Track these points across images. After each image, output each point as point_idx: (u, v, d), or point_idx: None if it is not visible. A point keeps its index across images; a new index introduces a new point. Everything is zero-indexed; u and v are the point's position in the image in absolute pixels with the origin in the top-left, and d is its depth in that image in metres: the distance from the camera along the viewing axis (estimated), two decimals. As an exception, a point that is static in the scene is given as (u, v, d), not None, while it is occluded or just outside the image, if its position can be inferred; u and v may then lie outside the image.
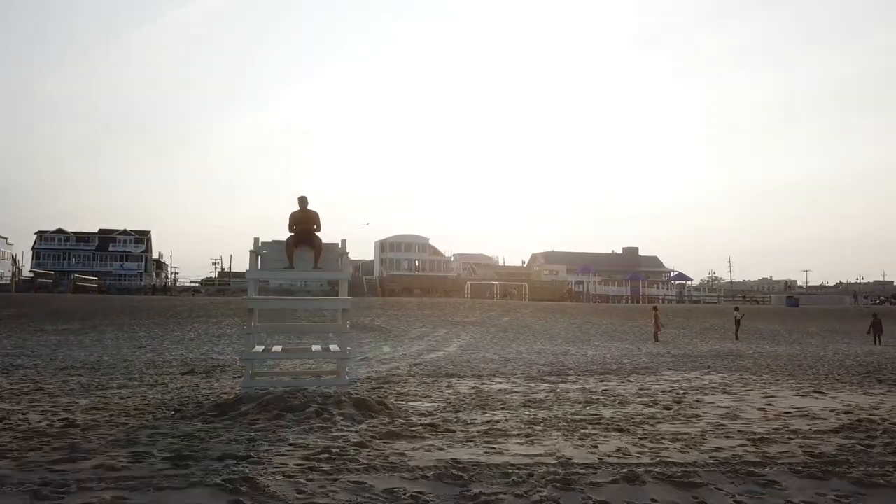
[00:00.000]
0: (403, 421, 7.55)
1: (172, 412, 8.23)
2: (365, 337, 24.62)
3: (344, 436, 6.57)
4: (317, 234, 9.51)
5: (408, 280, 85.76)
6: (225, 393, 9.92)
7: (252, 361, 8.96)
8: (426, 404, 9.06)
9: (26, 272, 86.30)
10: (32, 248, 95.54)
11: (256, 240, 9.61)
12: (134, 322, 27.79)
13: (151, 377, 12.65)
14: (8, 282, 69.42)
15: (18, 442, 6.26)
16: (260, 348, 9.57)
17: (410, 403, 9.08)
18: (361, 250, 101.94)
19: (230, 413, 7.58)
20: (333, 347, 9.32)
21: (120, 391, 10.53)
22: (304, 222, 9.43)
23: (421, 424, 7.35)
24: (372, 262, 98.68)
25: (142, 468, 5.33)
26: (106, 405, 8.90)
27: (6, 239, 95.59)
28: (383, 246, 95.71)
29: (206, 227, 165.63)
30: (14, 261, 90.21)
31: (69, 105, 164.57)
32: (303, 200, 9.57)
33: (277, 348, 9.88)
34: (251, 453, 5.78)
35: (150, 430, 6.85)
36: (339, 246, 9.63)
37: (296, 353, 10.72)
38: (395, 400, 9.31)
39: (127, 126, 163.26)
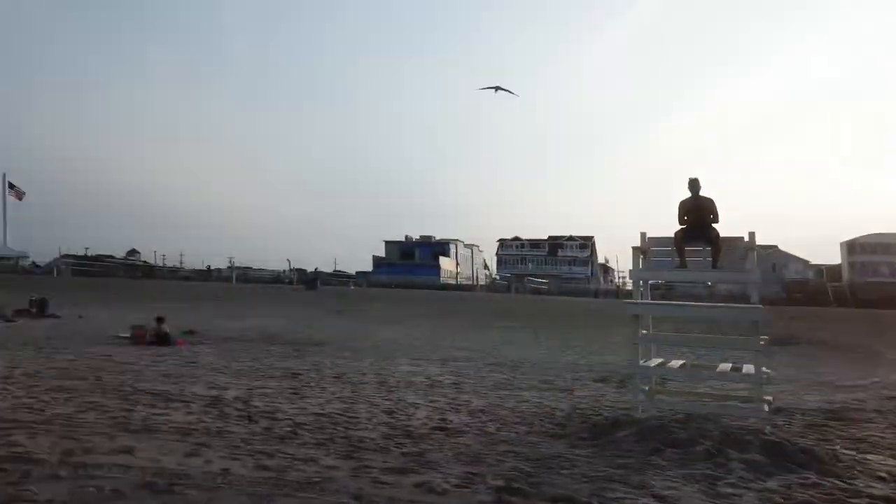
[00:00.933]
0: (843, 486, 5.13)
1: (552, 426, 7.33)
2: (827, 355, 20.41)
3: (736, 495, 4.64)
4: (713, 225, 7.54)
5: (890, 288, 71.09)
6: (623, 409, 8.67)
7: (640, 377, 7.50)
8: (892, 462, 6.22)
9: (494, 275, 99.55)
10: (496, 255, 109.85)
11: (643, 235, 8.12)
12: (569, 323, 28.54)
13: (564, 382, 12.15)
14: (482, 283, 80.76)
15: (377, 441, 6.05)
16: (655, 361, 8.02)
17: (866, 457, 6.36)
18: (824, 253, 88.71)
19: (602, 437, 6.27)
20: (747, 368, 7.19)
21: (521, 393, 10.18)
22: (697, 211, 7.56)
23: (871, 495, 4.86)
24: (838, 266, 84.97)
25: (461, 496, 4.41)
26: (495, 407, 8.52)
27: (477, 246, 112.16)
28: (852, 247, 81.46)
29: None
30: (485, 265, 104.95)
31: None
32: (693, 184, 7.70)
33: (676, 363, 8.16)
34: (594, 501, 4.36)
35: (507, 447, 6.02)
36: (746, 240, 7.46)
37: (698, 372, 8.78)
38: (841, 447, 6.68)
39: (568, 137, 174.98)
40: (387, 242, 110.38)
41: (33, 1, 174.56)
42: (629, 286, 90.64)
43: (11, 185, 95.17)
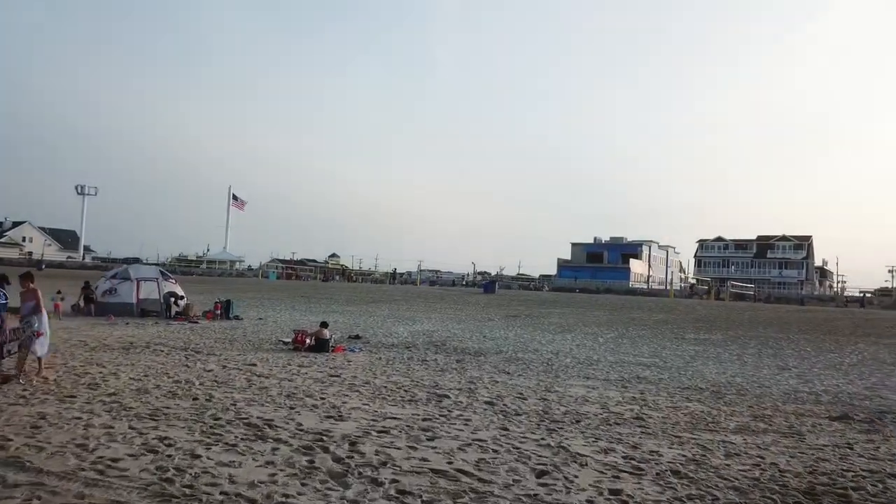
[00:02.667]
0: None
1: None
2: None
3: None
4: None
5: None
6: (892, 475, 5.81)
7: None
8: None
9: (690, 279, 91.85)
10: (695, 256, 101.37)
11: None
12: (781, 336, 24.13)
13: (786, 418, 9.21)
14: (678, 288, 74.73)
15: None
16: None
17: None
18: None
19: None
20: None
21: (730, 438, 7.51)
22: None
23: None
24: None
25: None
26: (693, 464, 6.05)
27: (674, 248, 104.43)
28: None
29: (878, 230, 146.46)
30: (681, 268, 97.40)
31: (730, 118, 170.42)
32: None
33: None
34: None
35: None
36: None
37: None
38: None
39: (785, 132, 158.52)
40: (573, 244, 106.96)
41: (263, 25, 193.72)
42: (850, 291, 78.78)
43: (235, 197, 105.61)
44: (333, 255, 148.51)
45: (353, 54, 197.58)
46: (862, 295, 74.46)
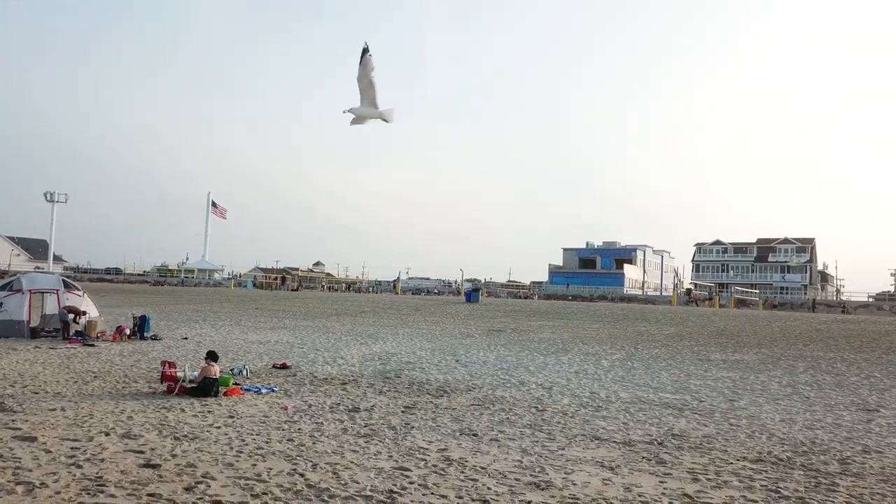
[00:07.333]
0: None
1: None
2: None
3: None
4: None
5: None
6: None
7: None
8: None
9: (687, 284, 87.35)
10: (692, 261, 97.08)
11: None
12: (833, 356, 19.45)
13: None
14: (670, 293, 70.26)
15: None
16: None
17: None
18: None
19: None
20: None
21: None
22: None
23: None
24: None
25: None
26: None
27: (668, 253, 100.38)
28: None
29: (880, 234, 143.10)
30: (676, 274, 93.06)
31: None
32: None
33: None
34: None
35: None
36: None
37: None
38: None
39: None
40: (565, 250, 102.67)
41: (244, 28, 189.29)
42: (855, 297, 74.18)
43: (214, 204, 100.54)
44: (318, 264, 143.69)
45: (338, 57, 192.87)
46: (870, 299, 70.12)
